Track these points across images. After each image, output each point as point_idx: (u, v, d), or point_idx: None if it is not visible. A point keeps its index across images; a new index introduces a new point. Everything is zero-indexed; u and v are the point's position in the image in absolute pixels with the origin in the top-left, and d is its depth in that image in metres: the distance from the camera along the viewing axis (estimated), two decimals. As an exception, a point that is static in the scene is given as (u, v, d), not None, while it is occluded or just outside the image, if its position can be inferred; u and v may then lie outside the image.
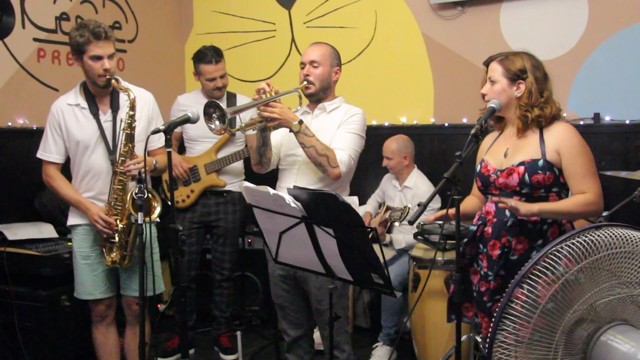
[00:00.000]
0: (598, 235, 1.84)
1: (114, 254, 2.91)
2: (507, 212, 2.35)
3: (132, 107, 2.82)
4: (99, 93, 2.93)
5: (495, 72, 2.39)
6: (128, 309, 3.08)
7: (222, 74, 3.82)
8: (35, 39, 4.07)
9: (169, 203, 2.70)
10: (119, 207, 2.88)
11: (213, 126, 2.51)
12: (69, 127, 2.90)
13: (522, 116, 2.35)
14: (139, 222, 2.48)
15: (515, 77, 2.36)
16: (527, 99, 2.34)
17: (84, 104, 2.91)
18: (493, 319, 1.92)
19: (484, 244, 2.43)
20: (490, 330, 1.92)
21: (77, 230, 2.98)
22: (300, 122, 2.62)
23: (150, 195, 2.80)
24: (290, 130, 2.63)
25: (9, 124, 3.90)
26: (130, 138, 2.84)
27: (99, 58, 2.79)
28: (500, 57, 2.41)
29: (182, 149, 4.07)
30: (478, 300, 2.46)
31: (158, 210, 2.84)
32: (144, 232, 2.51)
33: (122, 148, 2.84)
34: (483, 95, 2.43)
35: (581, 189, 2.29)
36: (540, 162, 2.30)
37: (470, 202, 2.62)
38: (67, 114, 2.90)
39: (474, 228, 2.49)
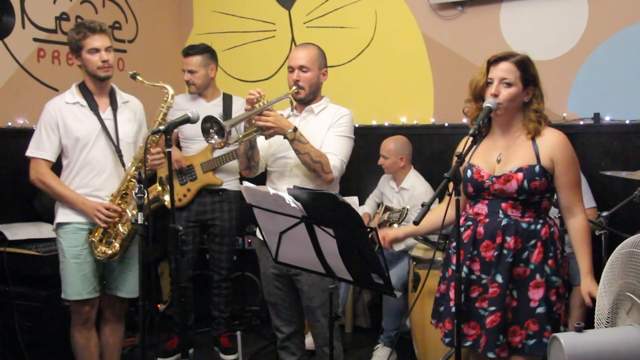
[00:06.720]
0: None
1: (109, 248, 2.88)
2: (501, 213, 2.31)
3: (171, 99, 2.98)
4: (98, 89, 2.97)
5: (511, 75, 2.28)
6: (110, 308, 3.06)
7: (191, 69, 3.85)
8: (35, 39, 4.07)
9: (166, 204, 2.70)
10: (127, 196, 2.92)
11: (213, 141, 2.47)
12: (68, 124, 2.90)
13: (537, 121, 2.31)
14: (139, 222, 2.48)
15: (528, 81, 2.31)
16: (538, 105, 2.32)
17: (83, 101, 2.94)
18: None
19: (476, 245, 2.36)
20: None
21: (67, 228, 2.93)
22: (295, 129, 2.60)
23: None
24: (285, 137, 2.62)
25: (9, 124, 3.90)
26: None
27: (96, 50, 2.87)
28: (514, 59, 2.30)
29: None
30: (467, 308, 2.35)
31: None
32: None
33: (150, 137, 2.83)
34: (494, 96, 2.29)
35: (571, 202, 2.33)
36: (537, 168, 2.27)
37: (434, 216, 2.48)
38: (65, 112, 2.92)
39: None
